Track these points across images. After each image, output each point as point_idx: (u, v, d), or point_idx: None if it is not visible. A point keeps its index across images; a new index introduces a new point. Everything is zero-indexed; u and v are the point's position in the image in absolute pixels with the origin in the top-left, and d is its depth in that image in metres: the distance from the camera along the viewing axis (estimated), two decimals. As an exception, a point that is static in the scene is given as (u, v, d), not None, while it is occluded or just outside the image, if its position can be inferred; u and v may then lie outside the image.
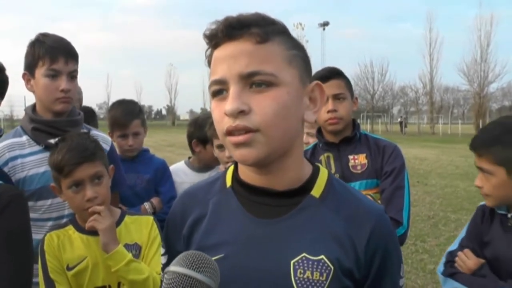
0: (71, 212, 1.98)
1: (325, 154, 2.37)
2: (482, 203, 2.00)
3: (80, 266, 1.77)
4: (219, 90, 0.96)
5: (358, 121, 2.48)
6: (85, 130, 2.16)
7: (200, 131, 2.80)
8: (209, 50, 1.00)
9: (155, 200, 2.66)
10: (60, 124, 2.08)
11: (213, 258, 0.97)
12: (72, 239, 1.82)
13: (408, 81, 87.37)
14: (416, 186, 11.16)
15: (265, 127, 0.92)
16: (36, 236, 1.94)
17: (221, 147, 2.37)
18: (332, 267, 0.96)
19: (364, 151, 2.34)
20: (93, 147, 1.83)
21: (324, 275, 0.96)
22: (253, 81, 0.92)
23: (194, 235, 1.07)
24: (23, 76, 2.10)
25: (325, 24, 58.54)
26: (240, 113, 0.91)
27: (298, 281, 0.95)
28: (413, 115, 72.91)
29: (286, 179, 1.02)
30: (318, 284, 0.95)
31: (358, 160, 2.32)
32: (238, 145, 0.93)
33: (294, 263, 0.97)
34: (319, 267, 0.96)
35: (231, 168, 1.12)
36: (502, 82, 49.59)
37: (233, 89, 0.92)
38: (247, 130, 0.91)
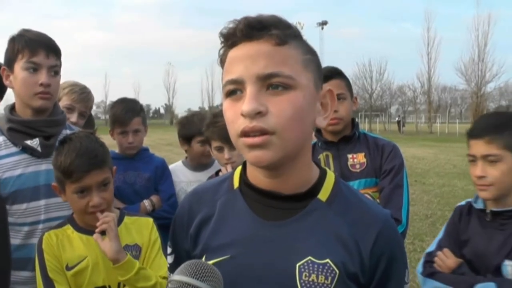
0: (48, 217, 1.95)
1: (324, 153, 2.38)
2: (460, 203, 2.03)
3: (80, 265, 1.76)
4: (234, 90, 0.95)
5: (357, 120, 2.49)
6: (67, 131, 2.09)
7: (183, 129, 2.86)
8: (223, 49, 0.99)
9: (154, 198, 2.67)
10: (37, 124, 1.98)
11: (220, 259, 1.01)
12: (71, 239, 1.80)
13: (406, 81, 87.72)
14: (414, 185, 11.17)
15: (282, 130, 0.91)
16: (13, 241, 1.90)
17: (219, 149, 2.35)
18: (337, 271, 0.97)
19: (363, 150, 2.35)
20: (102, 152, 1.80)
21: (329, 278, 0.97)
22: (270, 82, 0.92)
23: (201, 235, 1.08)
24: (2, 71, 2.00)
25: (324, 23, 58.55)
26: (257, 114, 0.90)
27: (303, 284, 0.96)
28: (411, 114, 73.11)
29: (294, 183, 1.02)
30: (323, 287, 0.96)
31: (357, 159, 2.33)
32: (253, 146, 0.93)
33: (299, 266, 0.97)
34: (324, 270, 0.97)
35: (239, 169, 1.12)
36: (500, 82, 49.57)
37: (250, 90, 0.92)
38: (263, 132, 0.91)
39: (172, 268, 1.14)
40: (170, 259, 1.18)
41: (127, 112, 2.65)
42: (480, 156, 1.80)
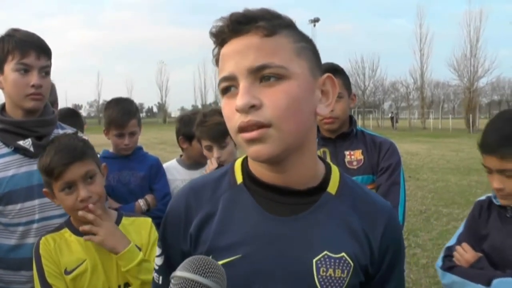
0: (42, 216, 1.93)
1: (321, 150, 2.37)
2: (480, 198, 2.00)
3: (79, 269, 1.72)
4: (228, 87, 0.94)
5: (354, 117, 2.48)
6: (59, 130, 2.09)
7: (185, 127, 2.81)
8: (216, 48, 0.98)
9: (149, 197, 2.65)
10: (29, 125, 1.96)
11: (230, 259, 0.97)
12: (69, 242, 1.76)
13: (399, 77, 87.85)
14: (408, 181, 11.19)
15: (278, 121, 0.89)
16: (8, 241, 1.92)
17: (209, 148, 2.35)
18: (352, 264, 0.97)
19: (360, 147, 2.35)
20: (81, 146, 1.76)
21: (345, 272, 0.97)
22: (262, 74, 0.90)
23: (203, 235, 1.02)
24: None
25: (316, 20, 58.33)
26: (251, 107, 0.89)
27: (321, 279, 0.95)
28: (404, 110, 73.39)
29: (302, 177, 1.00)
30: (339, 281, 0.96)
31: (354, 156, 2.33)
32: (251, 141, 0.90)
33: (316, 261, 0.96)
34: (341, 264, 0.96)
35: (239, 163, 1.08)
36: (492, 77, 49.85)
37: (242, 84, 0.90)
38: (259, 126, 0.89)
39: (161, 270, 1.11)
40: (159, 260, 1.12)
41: (124, 114, 2.61)
42: (495, 170, 1.76)
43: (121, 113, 2.60)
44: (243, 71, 0.90)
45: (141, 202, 2.59)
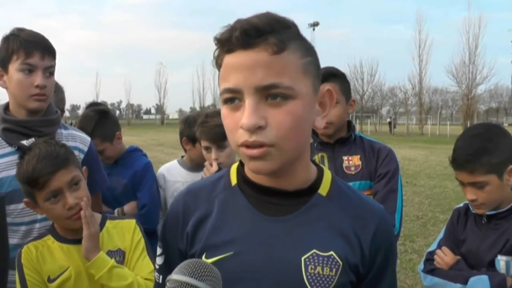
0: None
1: (320, 154, 2.37)
2: (458, 205, 2.14)
3: (63, 276, 1.69)
4: (232, 98, 0.94)
5: (353, 123, 2.47)
6: (62, 130, 2.08)
7: (189, 129, 2.79)
8: (218, 51, 0.97)
9: (128, 206, 2.63)
10: (33, 124, 1.97)
11: (222, 256, 1.01)
12: (52, 250, 1.73)
13: (398, 82, 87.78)
14: (405, 186, 11.18)
15: (280, 142, 0.92)
16: (11, 240, 1.89)
17: (207, 148, 2.35)
18: (340, 263, 1.00)
19: (358, 152, 2.35)
20: (63, 152, 1.71)
21: (334, 270, 0.99)
22: (269, 93, 0.91)
23: (199, 234, 1.06)
24: None
25: (315, 24, 58.58)
26: (257, 128, 0.90)
27: (309, 277, 0.98)
28: (402, 116, 73.58)
29: (295, 181, 1.04)
30: (328, 279, 0.99)
31: (352, 162, 2.32)
32: (252, 158, 0.93)
33: (305, 259, 0.99)
34: (329, 262, 0.99)
35: (235, 166, 1.12)
36: (490, 84, 50.06)
37: (249, 102, 0.91)
38: (262, 145, 0.92)
39: (162, 269, 1.14)
40: (159, 260, 1.16)
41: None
42: (467, 183, 1.91)
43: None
44: (250, 88, 0.90)
45: (115, 213, 2.59)
